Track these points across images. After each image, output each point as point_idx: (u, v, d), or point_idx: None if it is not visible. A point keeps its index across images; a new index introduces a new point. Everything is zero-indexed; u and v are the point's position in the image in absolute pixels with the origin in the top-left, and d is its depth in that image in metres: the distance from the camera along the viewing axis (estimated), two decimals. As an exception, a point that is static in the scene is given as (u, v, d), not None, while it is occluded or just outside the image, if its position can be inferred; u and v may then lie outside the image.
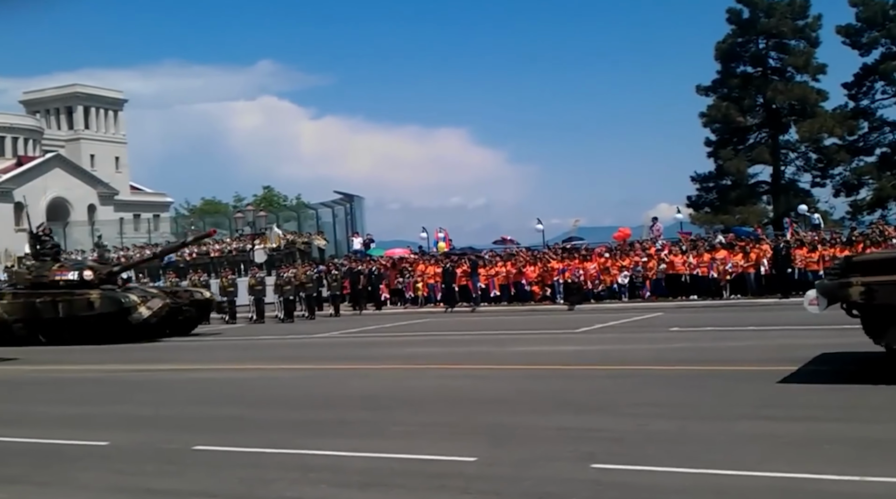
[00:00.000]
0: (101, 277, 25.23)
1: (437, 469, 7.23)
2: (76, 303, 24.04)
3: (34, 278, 25.27)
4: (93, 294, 24.11)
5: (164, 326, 24.48)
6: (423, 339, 20.91)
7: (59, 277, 24.88)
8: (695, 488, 6.37)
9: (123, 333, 23.20)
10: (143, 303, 23.90)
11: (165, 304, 24.36)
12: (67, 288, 24.52)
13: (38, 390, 14.74)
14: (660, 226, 35.52)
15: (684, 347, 16.30)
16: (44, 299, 24.25)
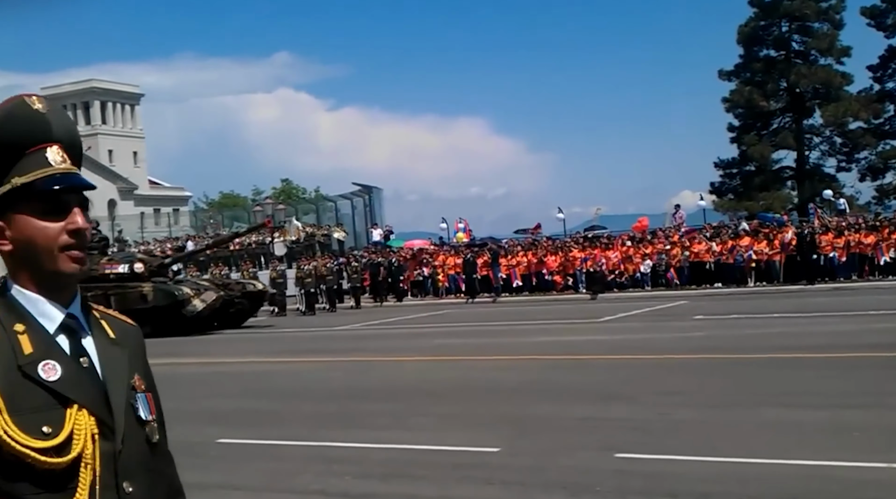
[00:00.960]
0: (152, 270, 25.02)
1: (460, 460, 7.23)
2: (129, 296, 23.75)
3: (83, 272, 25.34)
4: (145, 287, 23.92)
5: (214, 319, 24.41)
6: (445, 330, 20.90)
7: (110, 270, 24.63)
8: (719, 476, 6.33)
9: (176, 325, 22.96)
10: (196, 295, 23.69)
11: (219, 296, 24.16)
12: (118, 281, 24.30)
13: None
14: (682, 213, 35.33)
15: (708, 336, 16.21)
16: (95, 293, 23.41)
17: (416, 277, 34.57)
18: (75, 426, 1.61)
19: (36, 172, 1.68)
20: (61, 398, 1.61)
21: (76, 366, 1.66)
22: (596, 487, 6.19)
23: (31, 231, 1.68)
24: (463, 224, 40.38)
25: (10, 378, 1.59)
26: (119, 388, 1.71)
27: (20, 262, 1.70)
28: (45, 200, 1.68)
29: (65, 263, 1.68)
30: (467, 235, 38.83)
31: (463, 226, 40.23)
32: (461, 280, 33.09)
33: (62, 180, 1.70)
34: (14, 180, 1.68)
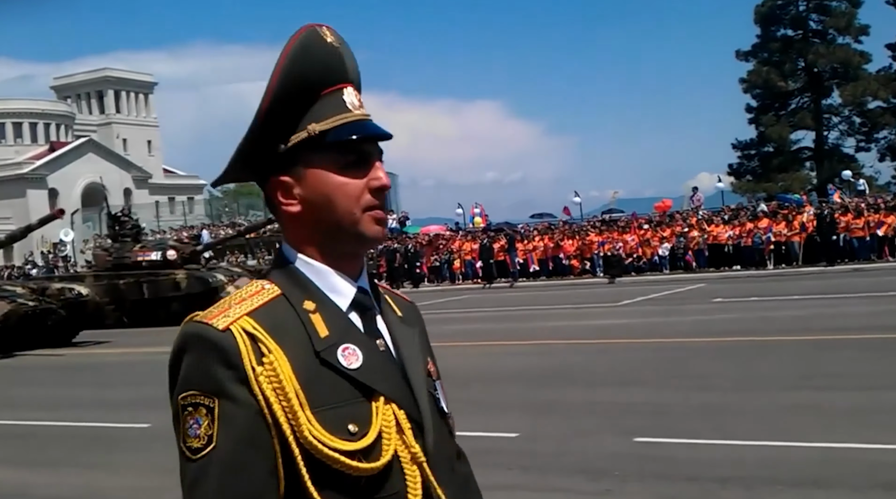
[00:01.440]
0: (185, 257, 24.87)
1: (479, 445, 7.14)
2: (162, 283, 23.63)
3: (115, 260, 24.85)
4: (179, 274, 23.71)
5: None
6: (462, 316, 20.87)
7: (142, 257, 24.50)
8: (740, 460, 6.29)
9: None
10: (230, 282, 23.32)
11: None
12: (151, 269, 24.15)
13: (98, 374, 14.92)
14: (700, 196, 35.14)
15: (727, 319, 16.11)
16: (127, 281, 23.75)
17: (432, 263, 34.56)
18: (383, 423, 1.36)
19: (335, 118, 1.43)
20: (365, 390, 1.36)
21: (375, 350, 1.42)
22: (615, 471, 6.16)
23: (329, 188, 1.41)
24: (479, 209, 40.30)
25: (308, 366, 1.33)
26: (418, 375, 1.48)
27: (310, 225, 1.43)
28: (347, 152, 1.43)
29: (368, 226, 1.43)
30: (483, 220, 38.77)
31: (479, 211, 40.16)
32: (478, 266, 33.05)
33: (363, 128, 1.46)
34: (311, 127, 1.42)
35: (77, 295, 19.42)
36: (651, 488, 5.76)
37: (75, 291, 19.59)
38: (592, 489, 5.82)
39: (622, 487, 5.83)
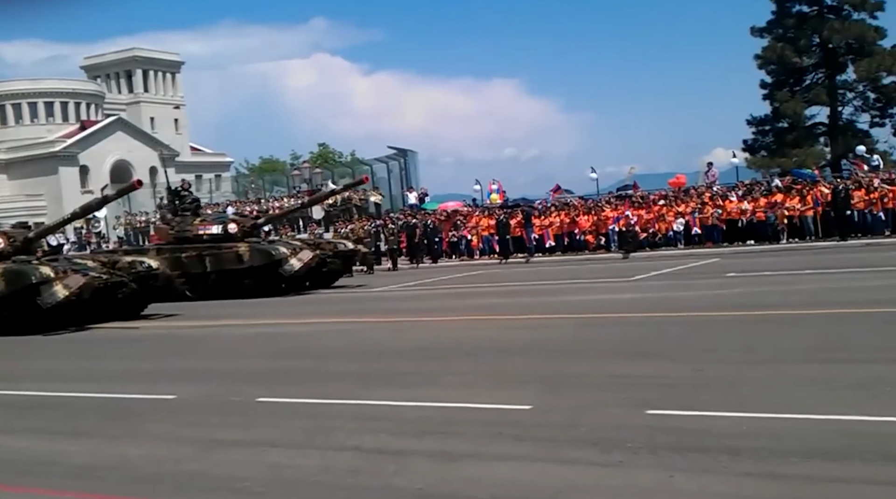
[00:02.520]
0: (245, 230, 24.70)
1: (493, 417, 7.32)
2: (224, 256, 23.54)
3: (177, 233, 24.76)
4: (241, 247, 23.57)
5: (306, 279, 24.03)
6: (479, 290, 21.00)
7: (203, 231, 24.46)
8: (751, 432, 6.35)
9: (273, 286, 22.90)
10: (293, 254, 23.20)
11: (315, 255, 23.70)
12: (212, 242, 24.09)
13: (149, 346, 14.96)
14: (715, 171, 35.04)
15: (741, 293, 16.16)
16: (189, 254, 23.59)
17: (450, 239, 34.66)
18: None
19: None
20: None
21: None
22: (627, 443, 6.24)
23: None
24: (496, 186, 40.32)
25: None
26: None
27: None
28: None
29: None
30: (501, 197, 38.80)
31: (496, 187, 40.17)
32: (495, 241, 33.13)
33: None
34: None
35: (147, 268, 19.29)
36: (663, 459, 5.83)
37: (146, 264, 19.45)
38: (604, 461, 5.90)
39: (634, 459, 5.90)
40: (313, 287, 24.23)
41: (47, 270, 17.05)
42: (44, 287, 16.77)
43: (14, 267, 17.47)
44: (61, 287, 16.70)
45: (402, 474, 5.93)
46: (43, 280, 16.83)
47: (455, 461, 6.15)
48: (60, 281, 16.80)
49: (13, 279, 17.15)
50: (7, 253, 18.27)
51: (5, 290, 17.11)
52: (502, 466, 6.00)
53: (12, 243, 18.56)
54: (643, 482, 5.45)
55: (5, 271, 17.31)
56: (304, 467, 6.26)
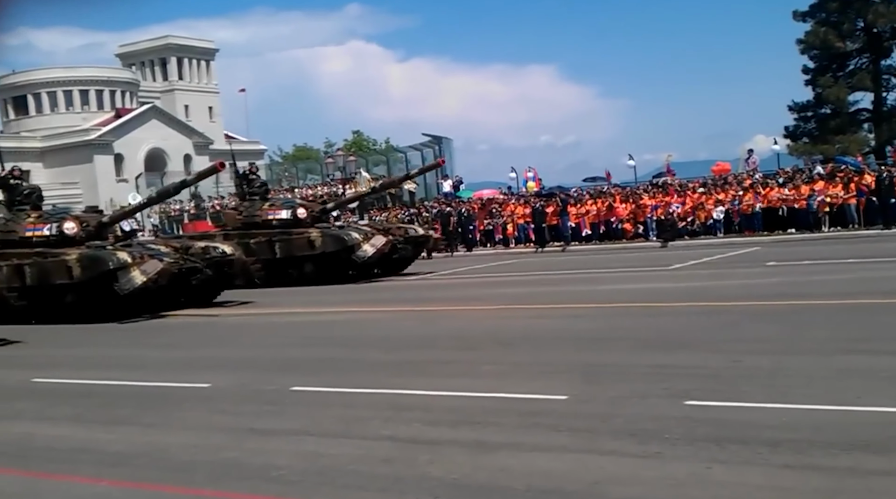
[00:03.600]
0: (314, 216, 24.14)
1: (529, 407, 7.27)
2: (294, 242, 22.88)
3: (245, 219, 24.15)
4: (313, 233, 22.93)
5: (376, 266, 23.51)
6: (514, 279, 20.93)
7: (272, 216, 23.82)
8: (791, 424, 6.26)
9: (343, 272, 22.41)
10: (365, 240, 22.63)
11: (388, 240, 23.06)
12: (282, 227, 23.41)
13: (188, 334, 14.96)
14: (756, 158, 34.69)
15: (781, 282, 15.96)
16: (258, 240, 22.87)
17: (486, 227, 34.61)
18: None
19: None
20: None
21: None
22: (665, 434, 6.17)
23: None
24: (532, 173, 40.19)
25: None
26: None
27: None
28: None
29: None
30: (537, 184, 38.67)
31: (532, 175, 40.06)
32: (531, 229, 33.02)
33: None
34: None
35: (222, 254, 18.74)
36: (701, 451, 5.76)
37: (219, 249, 18.89)
38: (642, 452, 5.84)
39: (672, 450, 5.84)
40: (384, 274, 23.70)
41: (124, 255, 16.62)
42: (121, 273, 16.34)
43: (90, 253, 16.96)
44: (139, 273, 16.30)
45: (437, 464, 5.90)
46: (120, 266, 16.38)
47: (490, 451, 6.11)
48: (138, 267, 16.38)
49: (90, 265, 16.62)
50: (80, 238, 17.80)
51: (81, 276, 16.63)
52: (538, 456, 5.95)
53: (85, 228, 18.07)
54: (681, 474, 5.39)
55: (81, 257, 16.79)
56: (338, 456, 6.25)
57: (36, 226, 18.10)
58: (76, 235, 17.82)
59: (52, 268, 16.89)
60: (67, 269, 16.71)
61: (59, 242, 17.63)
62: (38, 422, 8.17)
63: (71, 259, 16.72)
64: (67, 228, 17.83)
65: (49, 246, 17.55)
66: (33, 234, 17.99)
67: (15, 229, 18.19)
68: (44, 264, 16.99)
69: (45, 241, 17.77)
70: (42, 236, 17.90)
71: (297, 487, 5.68)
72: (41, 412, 8.63)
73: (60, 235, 17.79)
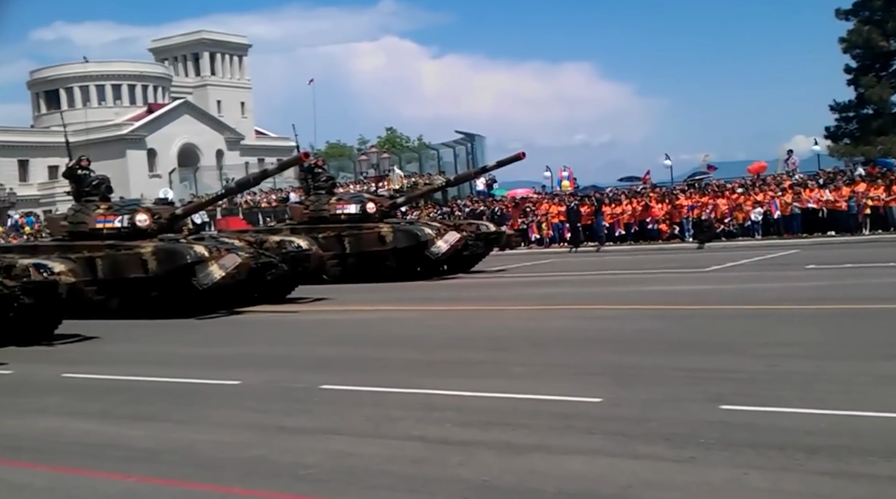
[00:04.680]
0: (383, 210, 23.60)
1: (562, 409, 7.19)
2: (364, 237, 22.21)
3: (312, 213, 23.37)
4: (384, 228, 22.26)
5: (443, 262, 22.78)
6: (548, 279, 20.81)
7: (340, 210, 23.08)
8: (830, 430, 6.15)
9: (413, 269, 21.94)
10: (438, 236, 21.98)
11: (462, 237, 22.46)
12: (350, 222, 22.74)
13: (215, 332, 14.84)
14: (795, 159, 34.30)
15: (820, 286, 15.73)
16: (327, 235, 21.85)
17: (519, 226, 34.48)
18: None
19: None
20: None
21: None
22: (700, 438, 6.07)
23: None
24: (567, 172, 39.99)
25: None
26: None
27: None
28: None
29: None
30: (571, 184, 38.48)
31: (567, 174, 39.87)
32: (565, 229, 32.85)
33: None
34: None
35: (297, 248, 18.12)
36: (737, 456, 5.66)
37: (295, 243, 18.28)
38: (676, 456, 5.75)
39: (707, 454, 5.74)
40: (451, 271, 23.10)
41: (202, 249, 16.03)
42: (199, 267, 15.73)
43: (167, 246, 16.37)
44: (217, 267, 15.73)
45: (468, 465, 5.84)
46: (198, 260, 15.77)
47: (521, 453, 6.04)
48: (216, 261, 15.82)
49: (166, 259, 16.00)
50: (152, 231, 17.24)
51: (157, 269, 15.98)
52: (570, 459, 5.88)
53: (157, 221, 17.49)
54: (716, 479, 5.30)
55: (157, 250, 16.15)
56: (368, 455, 6.20)
57: (107, 218, 17.53)
58: (148, 227, 17.27)
59: (126, 261, 16.30)
60: (142, 262, 16.13)
61: (130, 235, 17.11)
62: (67, 417, 8.19)
63: (146, 252, 16.16)
64: (140, 220, 17.28)
65: (120, 239, 17.02)
66: (104, 226, 17.46)
67: (85, 221, 17.66)
68: (117, 257, 16.42)
69: (116, 233, 17.26)
70: (113, 228, 17.37)
71: (325, 486, 5.63)
72: (69, 408, 8.67)
73: (132, 227, 17.24)
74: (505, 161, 26.22)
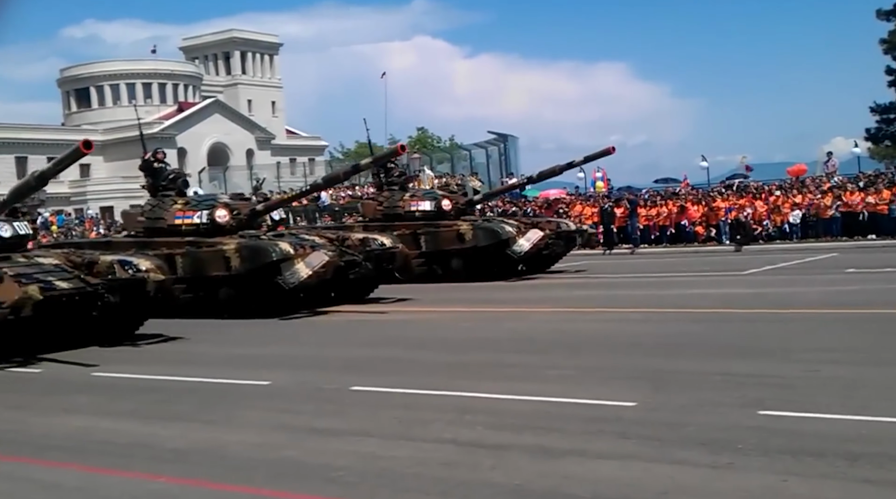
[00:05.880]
0: (459, 207, 22.77)
1: (595, 413, 7.09)
2: (442, 235, 21.39)
3: (385, 210, 22.53)
4: (462, 226, 21.46)
5: (521, 262, 21.87)
6: (582, 281, 20.65)
7: (415, 207, 22.28)
8: (871, 436, 6.02)
9: (491, 268, 21.09)
10: (520, 234, 21.23)
11: (545, 235, 21.63)
12: (425, 219, 21.94)
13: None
14: (835, 161, 33.84)
15: (861, 290, 15.50)
16: (401, 232, 20.66)
17: (552, 228, 34.28)
18: None
19: None
20: None
21: None
22: (737, 444, 5.96)
23: None
24: (601, 173, 39.70)
25: None
26: None
27: None
28: None
29: None
30: (605, 185, 38.22)
31: (601, 175, 39.57)
32: (599, 231, 32.62)
33: None
34: None
35: (381, 246, 17.46)
36: (776, 462, 5.55)
37: (379, 241, 17.58)
38: (713, 462, 5.64)
39: (745, 460, 5.63)
40: (529, 271, 22.28)
41: (287, 246, 15.45)
42: (284, 265, 15.15)
43: (251, 243, 15.84)
44: (303, 266, 15.15)
45: (500, 469, 5.78)
46: (284, 257, 15.19)
47: (555, 458, 5.96)
48: (301, 259, 15.26)
49: (250, 256, 15.43)
50: (230, 227, 16.74)
51: (241, 267, 15.42)
52: (604, 464, 5.80)
53: (236, 217, 16.95)
54: (754, 486, 5.20)
55: (241, 247, 15.58)
56: (399, 458, 6.15)
57: (185, 213, 17.07)
58: (227, 223, 16.80)
59: (208, 259, 15.77)
60: (225, 260, 15.57)
61: (210, 231, 16.63)
62: (97, 416, 8.21)
63: (229, 249, 15.60)
64: (219, 215, 16.82)
65: (199, 235, 16.56)
66: (182, 221, 16.99)
67: (162, 216, 17.22)
68: (198, 255, 15.89)
69: (195, 229, 16.80)
70: (192, 225, 16.88)
71: (356, 489, 5.58)
72: (100, 407, 8.69)
73: (211, 223, 16.78)
74: (593, 156, 24.99)
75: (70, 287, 11.99)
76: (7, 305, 11.09)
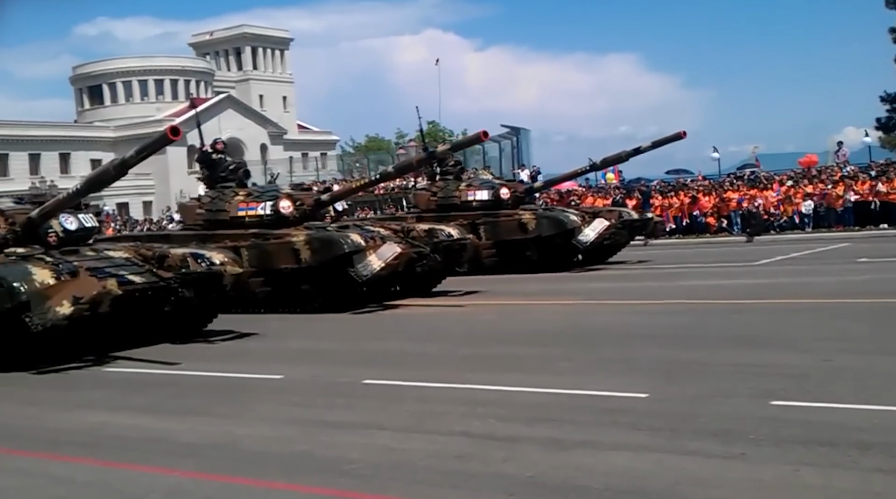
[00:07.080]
0: (517, 196, 22.09)
1: (608, 405, 7.09)
2: (502, 225, 20.68)
3: (440, 200, 21.89)
4: (525, 215, 20.81)
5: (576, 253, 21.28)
6: (593, 273, 20.61)
7: (471, 197, 21.64)
8: (883, 426, 6.02)
9: (554, 258, 20.54)
10: (584, 223, 20.61)
11: (611, 224, 21.00)
12: (482, 209, 21.25)
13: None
14: (846, 151, 33.70)
15: (873, 280, 15.44)
16: (459, 223, 19.55)
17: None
18: None
19: None
20: None
21: None
22: (750, 434, 5.96)
23: None
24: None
25: None
26: None
27: None
28: None
29: None
30: (617, 177, 38.10)
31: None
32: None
33: None
34: None
35: (449, 237, 16.96)
36: (788, 453, 5.55)
37: (446, 232, 17.08)
38: (725, 453, 5.65)
39: (757, 451, 5.63)
40: (588, 262, 21.59)
41: (357, 237, 14.96)
42: (356, 257, 14.66)
43: (321, 234, 15.28)
44: (375, 258, 14.69)
45: (512, 461, 5.78)
46: (356, 249, 14.70)
47: (567, 449, 5.97)
48: (373, 251, 14.80)
49: (321, 248, 14.87)
50: (294, 218, 16.21)
51: (311, 260, 14.86)
52: (617, 455, 5.80)
53: (299, 207, 16.42)
54: (766, 476, 5.20)
55: (311, 239, 15.02)
56: (411, 450, 6.17)
57: (248, 205, 16.56)
58: (291, 214, 16.26)
59: (276, 251, 15.25)
60: (294, 252, 15.03)
61: (274, 223, 16.14)
62: (111, 411, 8.23)
63: (298, 241, 15.07)
64: (283, 206, 16.28)
65: (263, 227, 16.05)
66: (246, 213, 16.49)
67: (224, 208, 16.70)
68: (265, 247, 15.37)
69: (258, 221, 16.26)
70: (255, 216, 16.37)
71: (369, 481, 5.59)
72: (113, 402, 8.71)
73: (275, 214, 16.26)
74: (662, 141, 23.80)
75: (144, 281, 11.47)
76: (85, 301, 10.47)
